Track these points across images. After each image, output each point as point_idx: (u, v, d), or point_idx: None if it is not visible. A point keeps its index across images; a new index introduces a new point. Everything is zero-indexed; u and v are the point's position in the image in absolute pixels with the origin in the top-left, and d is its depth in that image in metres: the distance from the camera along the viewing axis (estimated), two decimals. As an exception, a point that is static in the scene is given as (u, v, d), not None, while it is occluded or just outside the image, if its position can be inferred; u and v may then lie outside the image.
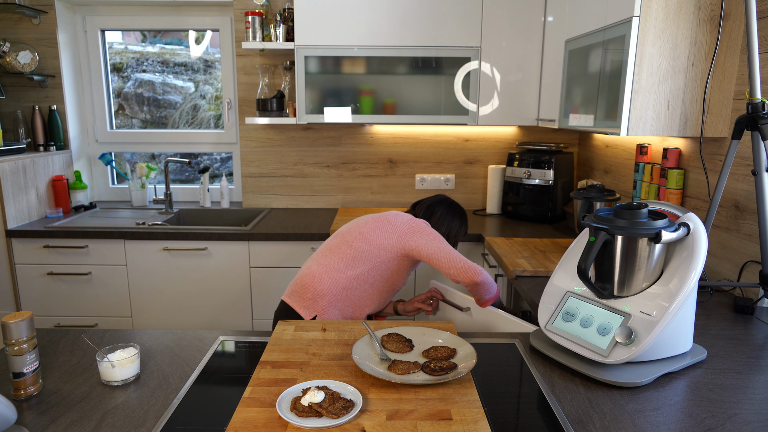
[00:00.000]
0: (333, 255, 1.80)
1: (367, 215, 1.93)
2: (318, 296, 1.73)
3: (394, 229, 1.80)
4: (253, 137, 3.10)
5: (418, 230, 1.80)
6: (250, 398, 1.03)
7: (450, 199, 2.00)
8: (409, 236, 1.78)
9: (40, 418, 0.99)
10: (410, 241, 1.78)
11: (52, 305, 2.65)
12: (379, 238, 1.79)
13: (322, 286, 1.74)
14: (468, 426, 0.94)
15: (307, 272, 1.80)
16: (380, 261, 1.78)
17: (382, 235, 1.79)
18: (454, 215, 1.96)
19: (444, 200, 1.99)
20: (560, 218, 2.83)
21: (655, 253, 1.14)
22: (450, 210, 1.96)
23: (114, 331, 1.37)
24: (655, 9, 1.68)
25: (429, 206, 1.96)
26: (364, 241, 1.79)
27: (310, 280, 1.77)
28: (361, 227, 1.83)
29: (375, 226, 1.82)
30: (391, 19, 2.60)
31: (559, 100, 2.40)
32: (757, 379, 1.14)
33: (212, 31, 3.19)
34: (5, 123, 3.02)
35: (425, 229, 1.80)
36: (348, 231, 1.86)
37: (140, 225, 2.65)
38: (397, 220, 1.83)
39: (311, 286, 1.75)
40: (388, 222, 1.82)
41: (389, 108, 2.69)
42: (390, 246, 1.78)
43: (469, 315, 1.80)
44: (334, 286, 1.74)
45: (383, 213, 1.90)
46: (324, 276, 1.75)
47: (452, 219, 1.95)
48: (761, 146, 1.44)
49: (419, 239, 1.77)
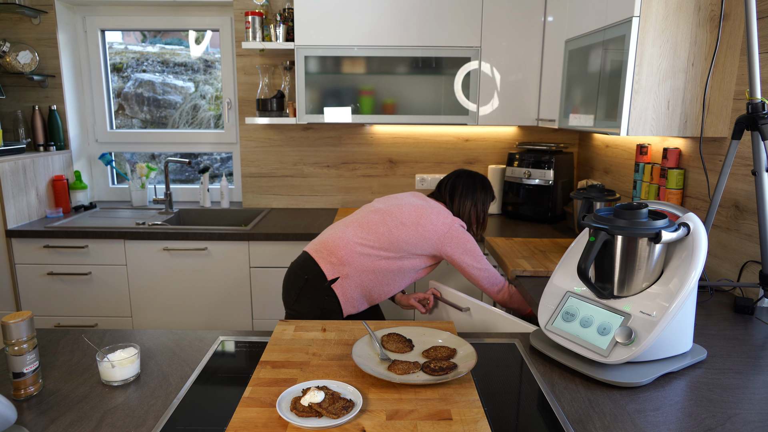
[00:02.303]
0: (369, 232, 1.84)
1: (409, 197, 1.95)
2: (344, 262, 1.80)
3: (435, 230, 1.84)
4: (253, 137, 3.10)
5: (456, 236, 1.84)
6: (250, 398, 1.03)
7: (468, 171, 2.03)
8: (446, 242, 1.83)
9: (40, 418, 0.99)
10: (446, 247, 1.84)
11: (52, 305, 2.65)
12: (417, 237, 1.83)
13: (349, 256, 1.80)
14: (468, 426, 0.94)
15: (340, 236, 1.85)
16: (413, 254, 1.84)
17: (422, 233, 1.83)
18: (476, 185, 1.99)
19: (462, 173, 2.02)
20: (560, 218, 2.83)
21: (655, 253, 1.14)
22: (470, 181, 1.99)
23: (114, 331, 1.37)
24: (655, 9, 1.68)
25: (451, 186, 1.99)
26: (403, 233, 1.83)
27: (339, 245, 1.82)
28: (403, 216, 1.86)
29: (417, 221, 1.84)
30: (391, 19, 2.60)
31: (559, 100, 2.40)
32: (757, 379, 1.14)
33: (212, 31, 3.19)
34: (5, 123, 3.02)
35: (462, 236, 1.85)
36: (389, 213, 1.88)
37: (140, 225, 2.65)
38: (438, 220, 1.85)
39: (338, 252, 1.81)
40: (431, 222, 1.85)
41: (389, 108, 2.69)
42: (426, 246, 1.84)
43: (468, 315, 1.80)
44: (363, 260, 1.81)
45: (423, 203, 1.91)
46: (355, 248, 1.81)
47: (474, 190, 1.98)
48: (761, 146, 1.44)
49: (455, 247, 1.84)
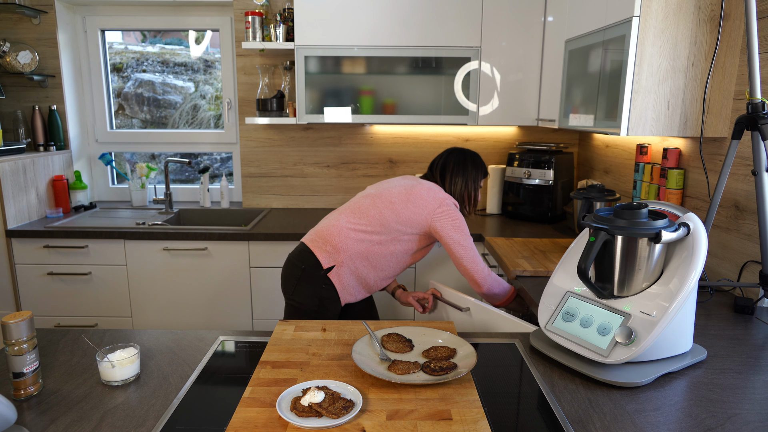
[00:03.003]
0: (360, 216, 1.84)
1: (400, 180, 1.95)
2: (338, 250, 1.81)
3: (425, 205, 1.82)
4: (253, 137, 3.10)
5: (447, 212, 1.82)
6: (250, 398, 1.03)
7: (459, 148, 2.02)
8: (437, 216, 1.81)
9: (40, 418, 0.99)
10: (436, 222, 1.81)
11: (52, 305, 2.65)
12: (408, 213, 1.82)
13: (343, 243, 1.81)
14: (468, 426, 0.94)
15: (333, 224, 1.86)
16: (404, 233, 1.83)
17: (412, 210, 1.82)
18: (466, 161, 1.97)
19: (453, 151, 2.00)
20: (560, 218, 2.83)
21: (655, 253, 1.14)
22: (461, 157, 1.98)
23: (114, 331, 1.37)
24: (655, 9, 1.68)
25: (442, 164, 1.98)
26: (393, 212, 1.82)
27: (333, 233, 1.83)
28: (392, 196, 1.85)
29: (407, 198, 1.84)
30: (391, 19, 2.60)
31: (559, 100, 2.40)
32: (757, 379, 1.14)
33: (212, 31, 3.19)
34: (5, 123, 3.02)
35: (453, 213, 1.82)
36: (379, 195, 1.88)
37: (140, 225, 2.65)
38: (429, 195, 1.84)
39: (331, 240, 1.83)
40: (420, 197, 1.83)
41: (389, 108, 2.69)
42: (417, 222, 1.82)
43: (468, 315, 1.80)
44: (356, 245, 1.81)
45: (414, 182, 1.90)
46: (348, 233, 1.82)
47: (465, 166, 1.96)
48: (761, 146, 1.44)
49: (445, 222, 1.81)
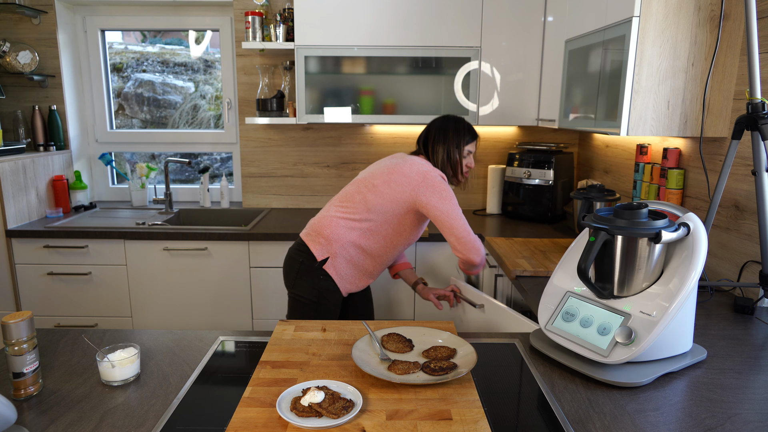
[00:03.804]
0: (347, 204, 1.84)
1: (384, 160, 1.91)
2: (330, 241, 1.82)
3: (407, 181, 1.78)
4: (253, 137, 3.10)
5: (431, 184, 1.77)
6: (250, 398, 1.03)
7: (443, 115, 1.97)
8: (421, 189, 1.77)
9: (40, 418, 0.99)
10: (421, 196, 1.77)
11: (52, 305, 2.65)
12: (391, 192, 1.79)
13: (334, 233, 1.82)
14: (468, 426, 0.94)
15: (324, 215, 1.87)
16: (392, 215, 1.81)
17: (395, 188, 1.79)
18: (447, 127, 1.91)
19: (437, 119, 1.96)
20: (560, 218, 2.83)
21: (655, 253, 1.14)
22: (443, 124, 1.92)
23: (114, 331, 1.37)
24: (655, 9, 1.68)
25: (425, 135, 1.93)
26: (377, 194, 1.80)
27: (324, 224, 1.84)
28: (375, 178, 1.84)
29: (388, 178, 1.81)
30: (391, 19, 2.60)
31: (559, 100, 2.40)
32: (757, 379, 1.14)
33: (212, 31, 3.19)
34: (5, 123, 3.02)
35: (438, 185, 1.78)
36: (363, 180, 1.87)
37: (140, 225, 2.65)
38: (411, 170, 1.80)
39: (323, 231, 1.83)
40: (402, 174, 1.80)
41: (389, 108, 2.69)
42: (402, 200, 1.79)
43: (481, 311, 1.83)
44: (346, 233, 1.81)
45: (398, 160, 1.86)
46: (338, 223, 1.82)
47: (446, 132, 1.90)
48: (761, 146, 1.44)
49: (431, 195, 1.76)
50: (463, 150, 1.91)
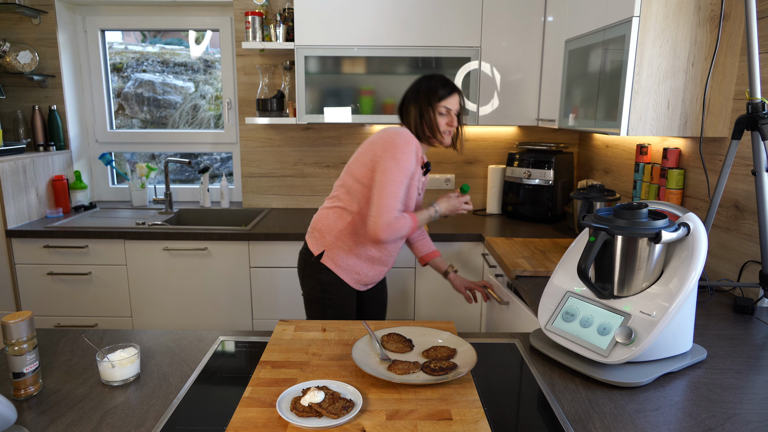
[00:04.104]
0: (334, 193, 1.87)
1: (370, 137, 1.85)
2: (323, 233, 1.84)
3: (373, 150, 1.72)
4: (253, 137, 3.10)
5: (392, 146, 1.68)
6: (250, 398, 1.03)
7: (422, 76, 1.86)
8: (381, 154, 1.69)
9: (40, 418, 0.99)
10: (381, 160, 1.68)
11: (52, 305, 2.65)
12: (360, 167, 1.75)
13: (326, 225, 1.84)
14: (468, 426, 0.94)
15: (319, 210, 1.91)
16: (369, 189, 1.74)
17: (362, 161, 1.75)
18: (419, 85, 1.81)
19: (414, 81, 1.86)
20: (560, 218, 2.83)
21: (655, 253, 1.14)
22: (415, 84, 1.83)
23: (114, 331, 1.37)
24: (655, 9, 1.68)
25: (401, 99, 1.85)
26: (350, 174, 1.80)
27: (317, 218, 1.89)
28: (350, 162, 1.83)
29: (358, 153, 1.79)
30: (391, 19, 2.60)
31: (559, 100, 2.40)
32: (757, 379, 1.14)
33: (212, 31, 3.19)
34: (5, 123, 3.02)
35: (400, 146, 1.68)
36: (346, 165, 1.88)
37: (140, 225, 2.65)
38: (379, 138, 1.74)
39: (317, 225, 1.87)
40: (370, 143, 1.75)
41: (389, 108, 2.69)
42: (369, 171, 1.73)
43: (505, 307, 1.90)
44: (337, 223, 1.82)
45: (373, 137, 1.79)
46: (328, 213, 1.85)
47: (417, 91, 1.80)
48: (761, 146, 1.44)
49: (387, 159, 1.67)
50: (436, 107, 1.77)
